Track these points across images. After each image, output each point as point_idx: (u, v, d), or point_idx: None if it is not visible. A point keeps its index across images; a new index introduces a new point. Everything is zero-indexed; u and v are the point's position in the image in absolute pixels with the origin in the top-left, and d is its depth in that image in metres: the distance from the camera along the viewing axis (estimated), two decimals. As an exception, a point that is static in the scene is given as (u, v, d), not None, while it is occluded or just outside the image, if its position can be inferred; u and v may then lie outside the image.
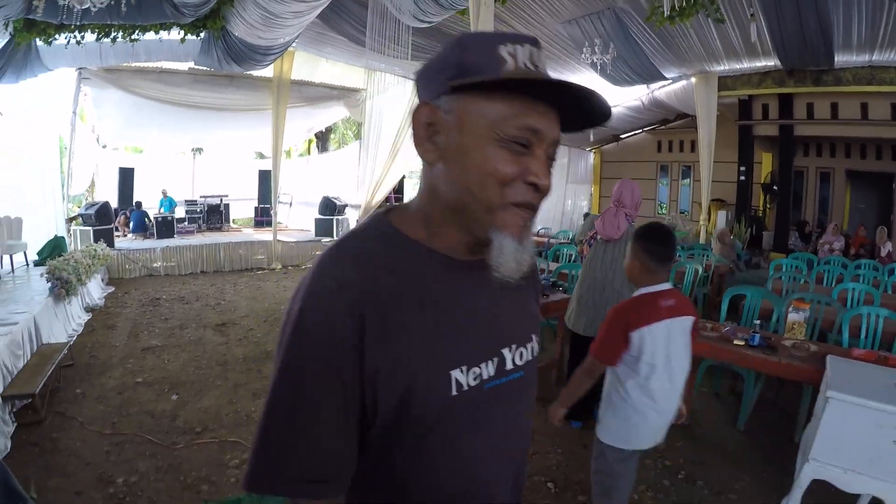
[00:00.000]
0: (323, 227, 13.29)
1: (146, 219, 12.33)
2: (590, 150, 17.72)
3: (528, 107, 0.86)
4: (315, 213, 13.74)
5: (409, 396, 0.88)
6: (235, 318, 7.53)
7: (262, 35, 7.83)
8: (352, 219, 13.71)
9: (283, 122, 11.55)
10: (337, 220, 13.34)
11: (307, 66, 12.15)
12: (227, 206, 14.69)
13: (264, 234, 12.79)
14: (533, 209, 0.92)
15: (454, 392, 0.92)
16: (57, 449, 3.85)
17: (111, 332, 6.74)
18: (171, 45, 8.77)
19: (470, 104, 0.87)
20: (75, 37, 7.16)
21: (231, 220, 15.10)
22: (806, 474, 2.88)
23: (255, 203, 15.77)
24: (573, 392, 2.55)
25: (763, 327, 4.10)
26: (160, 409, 4.55)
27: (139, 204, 12.89)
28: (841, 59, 9.40)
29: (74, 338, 6.15)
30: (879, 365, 3.42)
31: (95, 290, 8.30)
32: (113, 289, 9.04)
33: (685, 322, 2.57)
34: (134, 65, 10.16)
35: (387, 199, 12.75)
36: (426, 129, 0.93)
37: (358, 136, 15.37)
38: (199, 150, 16.47)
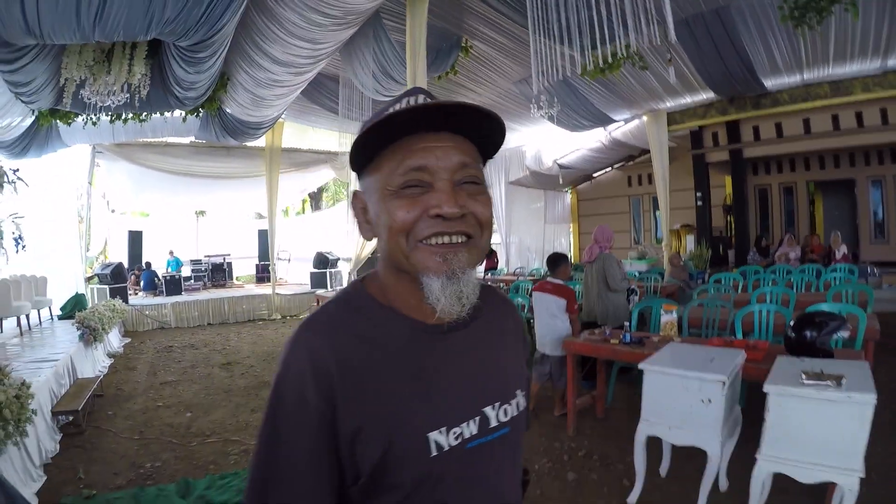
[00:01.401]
0: (317, 280, 14.24)
1: (155, 278, 13.37)
2: (566, 191, 18.67)
3: (409, 150, 0.91)
4: (310, 268, 14.61)
5: (387, 460, 0.90)
6: (239, 358, 8.54)
7: (252, 113, 8.90)
8: (344, 271, 14.55)
9: (277, 185, 12.55)
10: (330, 272, 14.27)
11: (296, 134, 13.23)
12: (230, 264, 15.65)
13: (265, 289, 13.78)
14: (461, 236, 0.93)
15: (433, 453, 0.93)
16: (96, 448, 4.89)
17: (132, 371, 7.77)
18: (174, 123, 9.68)
19: (371, 177, 0.96)
20: (91, 119, 7.91)
21: (234, 277, 16.01)
22: (641, 431, 3.58)
23: (256, 260, 16.75)
24: None
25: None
26: (177, 422, 5.60)
27: (148, 264, 14.02)
28: (773, 82, 10.14)
29: (102, 375, 7.12)
30: (725, 348, 3.99)
31: (115, 339, 9.33)
32: (129, 339, 10.08)
33: (547, 297, 5.13)
34: (141, 140, 11.15)
35: (375, 250, 13.53)
36: (363, 213, 1.01)
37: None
38: (203, 212, 17.39)
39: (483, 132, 0.96)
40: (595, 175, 17.99)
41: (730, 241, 14.52)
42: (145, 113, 8.24)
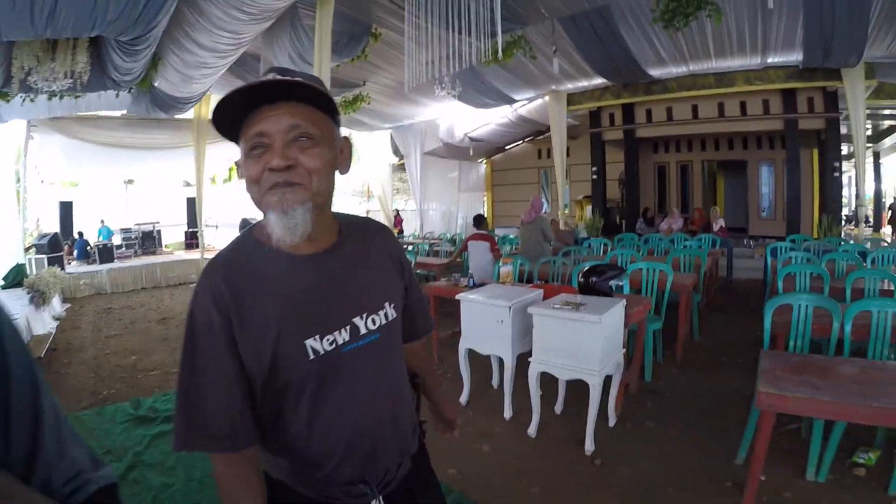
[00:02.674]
0: None
1: (88, 246, 13.85)
2: (480, 162, 19.79)
3: (254, 120, 1.16)
4: (237, 233, 15.04)
5: (275, 364, 1.18)
6: (173, 314, 9.46)
7: (181, 89, 9.54)
8: None
9: (204, 156, 12.95)
10: None
11: None
12: (159, 231, 16.01)
13: (194, 254, 14.41)
14: (290, 184, 1.16)
15: (311, 356, 1.20)
16: (59, 384, 5.81)
17: (78, 330, 8.57)
18: (107, 98, 10.04)
19: (239, 146, 1.21)
20: (30, 97, 8.37)
21: (164, 244, 16.37)
22: (462, 345, 4.75)
23: (185, 227, 17.19)
24: None
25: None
26: (125, 363, 6.57)
27: (81, 233, 14.39)
28: (661, 71, 11.27)
29: (54, 333, 7.84)
30: (532, 288, 4.84)
31: (57, 304, 9.99)
32: (69, 305, 10.75)
33: (478, 243, 7.27)
34: (75, 114, 11.48)
35: None
36: (240, 174, 1.24)
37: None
38: (132, 181, 17.46)
39: (313, 96, 1.19)
40: (507, 147, 19.05)
41: (623, 212, 15.79)
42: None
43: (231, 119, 1.18)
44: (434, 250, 11.71)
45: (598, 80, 12.11)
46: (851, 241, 9.95)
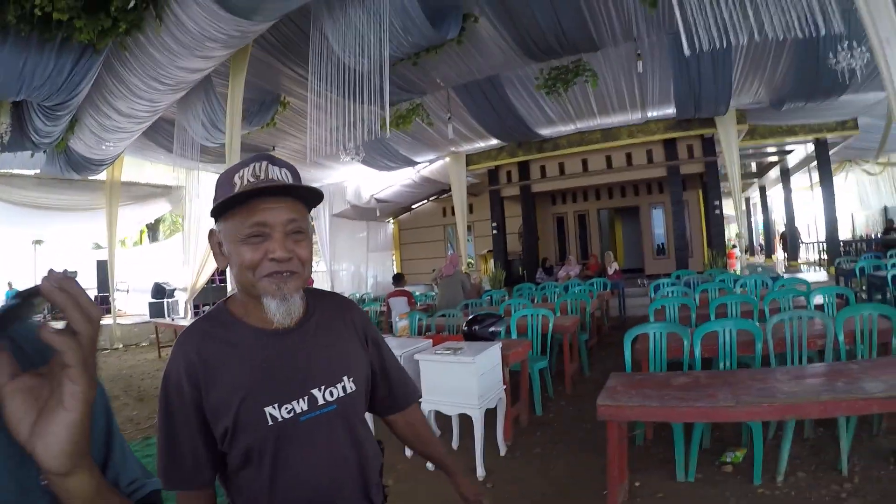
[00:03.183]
0: (156, 310, 14.67)
1: (-6, 309, 13.52)
2: (388, 221, 20.46)
3: (252, 209, 1.26)
4: (149, 298, 14.96)
5: (236, 428, 1.28)
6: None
7: (96, 151, 9.76)
8: (181, 300, 15.04)
9: (116, 218, 12.99)
10: (167, 302, 14.86)
11: (135, 168, 13.57)
12: None
13: (106, 320, 13.79)
14: (289, 273, 1.29)
15: (269, 422, 1.30)
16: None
17: None
18: (21, 157, 9.95)
19: (226, 225, 1.31)
20: None
21: None
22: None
23: (95, 291, 16.62)
24: None
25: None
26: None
27: (10, 283, 14.26)
28: (551, 130, 12.37)
29: None
30: (423, 340, 5.49)
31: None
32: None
33: (396, 298, 8.46)
34: None
35: (211, 279, 14.80)
36: (217, 247, 1.37)
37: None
38: (40, 241, 16.66)
39: (304, 194, 1.33)
40: (413, 206, 19.83)
41: (524, 263, 16.65)
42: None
43: (226, 203, 1.28)
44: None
45: (494, 141, 13.05)
46: (736, 271, 11.21)
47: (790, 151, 16.19)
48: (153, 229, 23.93)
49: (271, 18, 6.09)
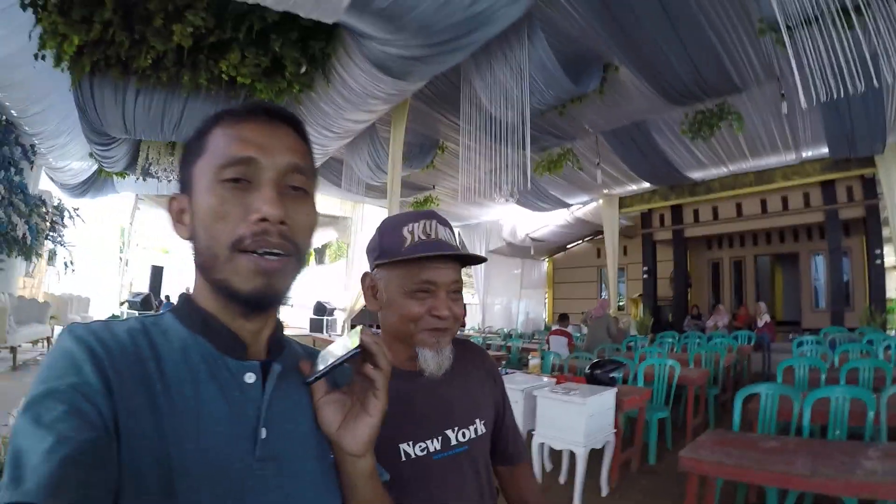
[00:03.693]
0: (315, 325, 15.77)
1: (173, 309, 15.17)
2: (543, 260, 20.58)
3: (423, 266, 1.32)
4: (310, 314, 16.14)
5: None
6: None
7: None
8: (339, 319, 16.19)
9: None
10: (327, 320, 15.88)
11: None
12: None
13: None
14: (446, 329, 1.35)
15: (403, 459, 1.33)
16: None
17: None
18: None
19: (389, 273, 1.36)
20: (141, 177, 9.70)
21: None
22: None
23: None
24: None
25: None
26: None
27: (167, 297, 15.50)
28: (703, 174, 12.13)
29: None
30: (560, 382, 5.46)
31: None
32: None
33: (557, 337, 8.91)
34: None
35: (364, 306, 15.30)
36: (370, 290, 1.42)
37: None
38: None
39: (467, 259, 1.42)
40: (568, 246, 19.95)
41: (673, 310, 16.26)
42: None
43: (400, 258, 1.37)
44: (486, 344, 12.22)
45: (647, 185, 12.99)
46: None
47: None
48: (320, 253, 25.30)
49: (424, 79, 6.64)
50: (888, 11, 4.72)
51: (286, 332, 1.01)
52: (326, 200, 15.14)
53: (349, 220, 15.73)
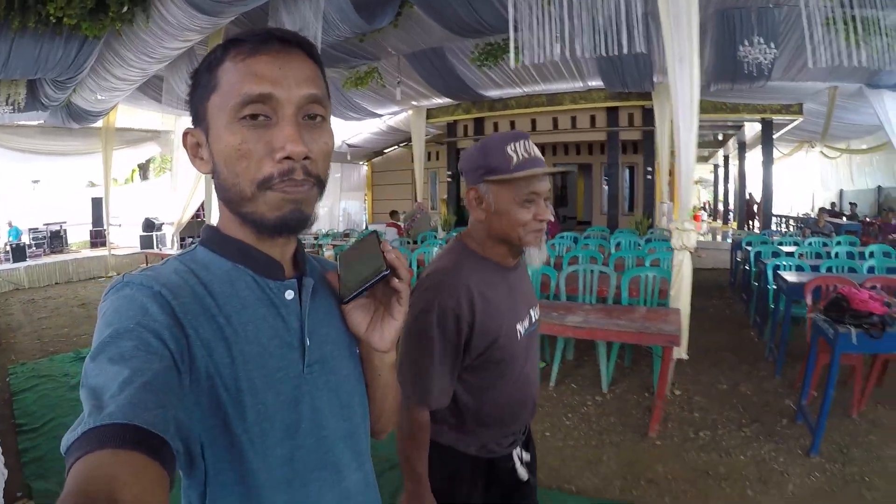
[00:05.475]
0: (146, 242, 15.80)
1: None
2: (362, 164, 21.84)
3: (529, 180, 1.58)
4: (139, 231, 16.20)
5: (497, 341, 1.62)
6: (90, 301, 11.07)
7: (95, 105, 11.23)
8: (168, 233, 16.31)
9: (111, 161, 14.27)
10: (156, 235, 16.06)
11: (128, 115, 14.58)
12: (65, 230, 16.55)
13: (100, 252, 15.69)
14: (543, 230, 1.64)
15: (518, 337, 1.66)
16: (12, 349, 7.65)
17: (10, 316, 10.04)
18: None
19: (499, 188, 1.60)
20: None
21: (68, 244, 16.87)
22: None
23: (90, 226, 17.67)
24: None
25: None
26: (60, 333, 8.44)
27: None
28: (501, 92, 13.40)
29: None
30: None
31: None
32: (-8, 298, 12.05)
33: (392, 228, 9.98)
34: None
35: (195, 215, 16.18)
36: (477, 202, 1.65)
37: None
38: (38, 181, 17.62)
39: (557, 176, 2.06)
40: (385, 151, 21.15)
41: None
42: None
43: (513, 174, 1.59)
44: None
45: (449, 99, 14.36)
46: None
47: (740, 127, 17.30)
48: (144, 169, 24.25)
49: (235, 15, 7.46)
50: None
51: (117, 252, 1.45)
52: (147, 115, 15.10)
53: (171, 134, 15.68)
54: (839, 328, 3.91)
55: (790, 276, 6.06)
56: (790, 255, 7.74)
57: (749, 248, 8.74)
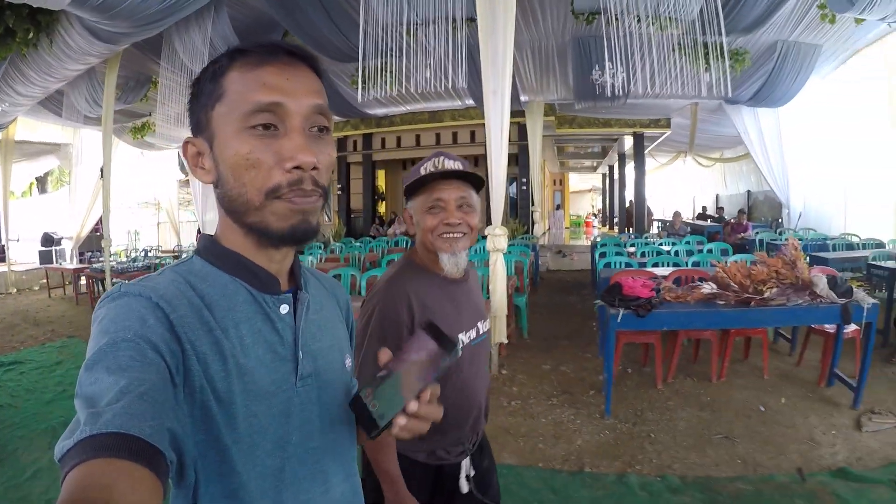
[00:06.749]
0: (45, 257, 15.17)
1: None
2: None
3: (433, 188, 1.68)
4: (38, 246, 15.61)
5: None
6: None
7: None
8: (67, 248, 15.96)
9: (10, 174, 14.33)
10: (55, 250, 15.48)
11: (28, 127, 14.44)
12: None
13: (1, 268, 14.78)
14: (461, 234, 1.71)
15: (462, 345, 1.66)
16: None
17: None
18: None
19: (414, 202, 1.75)
20: None
21: None
22: None
23: None
24: None
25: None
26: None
27: None
28: (387, 110, 14.51)
29: None
30: None
31: None
32: None
33: None
34: None
35: (94, 229, 15.97)
36: (409, 219, 1.79)
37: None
38: None
39: (471, 179, 1.77)
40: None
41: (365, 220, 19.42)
42: None
43: (414, 184, 1.74)
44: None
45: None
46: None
47: (616, 140, 18.76)
48: (42, 182, 24.00)
49: (132, 42, 8.25)
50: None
51: (16, 268, 1.89)
52: (46, 128, 14.89)
53: (70, 147, 15.47)
54: (611, 310, 4.65)
55: (606, 273, 6.97)
56: (619, 254, 8.89)
57: (605, 248, 9.54)
